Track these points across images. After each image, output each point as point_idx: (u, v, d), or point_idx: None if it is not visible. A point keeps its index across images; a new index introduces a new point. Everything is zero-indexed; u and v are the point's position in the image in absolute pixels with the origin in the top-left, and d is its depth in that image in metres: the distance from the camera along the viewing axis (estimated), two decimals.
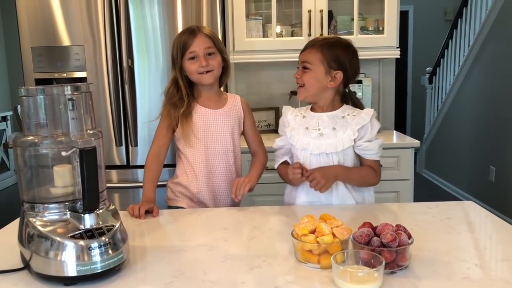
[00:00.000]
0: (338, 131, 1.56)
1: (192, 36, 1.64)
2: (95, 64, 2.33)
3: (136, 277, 1.06)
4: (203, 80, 1.67)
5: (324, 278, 1.00)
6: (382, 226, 1.07)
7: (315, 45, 1.57)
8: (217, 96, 1.76)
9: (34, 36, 2.32)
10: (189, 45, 1.64)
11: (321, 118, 1.60)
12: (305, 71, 1.57)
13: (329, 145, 1.55)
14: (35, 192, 1.08)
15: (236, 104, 1.78)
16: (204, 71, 1.65)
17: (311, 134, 1.59)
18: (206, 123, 1.71)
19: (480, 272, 1.04)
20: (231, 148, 1.73)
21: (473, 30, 4.61)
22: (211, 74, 1.67)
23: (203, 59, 1.64)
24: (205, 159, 1.71)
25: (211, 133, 1.71)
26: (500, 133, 4.02)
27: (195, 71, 1.65)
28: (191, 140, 1.70)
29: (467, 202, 1.61)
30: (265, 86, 3.12)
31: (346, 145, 1.54)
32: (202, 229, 1.39)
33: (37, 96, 1.05)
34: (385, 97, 3.12)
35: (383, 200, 1.81)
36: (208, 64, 1.64)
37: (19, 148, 1.07)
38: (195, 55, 1.64)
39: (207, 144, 1.71)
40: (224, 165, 1.73)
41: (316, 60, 1.55)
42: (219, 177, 1.73)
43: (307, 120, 1.63)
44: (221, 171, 1.73)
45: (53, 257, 1.00)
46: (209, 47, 1.66)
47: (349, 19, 2.91)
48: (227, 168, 1.73)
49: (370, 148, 1.56)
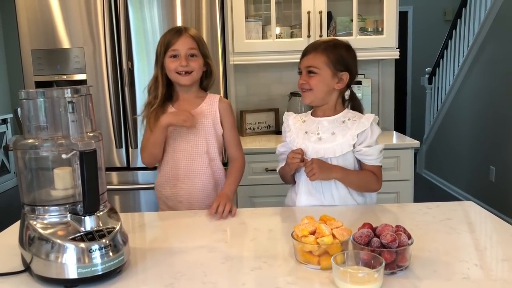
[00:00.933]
0: (337, 136, 1.56)
1: (177, 35, 1.65)
2: (95, 66, 2.34)
3: (137, 279, 1.06)
4: (180, 80, 1.66)
5: (324, 279, 1.01)
6: (382, 227, 1.07)
7: (317, 49, 1.57)
8: (194, 98, 1.73)
9: (34, 39, 2.33)
10: (172, 43, 1.64)
11: (321, 122, 1.60)
12: (312, 75, 1.57)
13: (327, 149, 1.55)
14: (36, 194, 1.09)
15: (212, 105, 1.72)
16: (183, 71, 1.64)
17: (310, 138, 1.59)
18: None
19: (480, 272, 1.04)
20: (204, 149, 1.69)
21: (473, 30, 4.62)
22: (190, 76, 1.65)
23: (183, 58, 1.63)
24: (174, 161, 1.69)
25: (179, 135, 1.68)
26: (499, 133, 4.02)
27: (174, 69, 1.64)
28: None
29: (467, 202, 1.61)
30: (265, 88, 3.13)
31: (345, 150, 1.54)
32: (202, 231, 1.39)
33: (37, 99, 1.06)
34: (385, 98, 3.13)
35: (383, 201, 1.81)
36: (187, 65, 1.63)
37: (19, 151, 1.07)
38: (177, 54, 1.64)
39: (175, 147, 1.69)
40: (197, 167, 1.69)
41: (321, 64, 1.56)
42: (192, 180, 1.69)
43: (307, 125, 1.63)
44: (194, 173, 1.69)
45: (54, 260, 1.00)
46: (192, 48, 1.65)
47: (349, 20, 2.92)
48: (201, 170, 1.70)
49: (370, 153, 1.55)
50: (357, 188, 1.59)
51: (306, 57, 1.59)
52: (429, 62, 5.85)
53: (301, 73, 1.60)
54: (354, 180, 1.57)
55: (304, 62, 1.59)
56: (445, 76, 5.29)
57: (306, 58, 1.59)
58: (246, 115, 2.97)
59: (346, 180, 1.57)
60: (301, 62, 1.60)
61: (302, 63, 1.60)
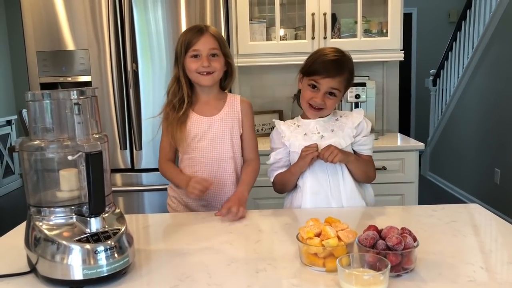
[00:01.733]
0: (336, 132, 1.61)
1: (198, 35, 1.60)
2: (99, 68, 2.35)
3: (142, 281, 1.06)
4: (201, 81, 1.62)
5: (330, 282, 1.01)
6: (387, 229, 1.07)
7: (343, 72, 1.56)
8: (215, 100, 1.70)
9: (39, 41, 2.34)
10: (193, 43, 1.59)
11: (319, 122, 1.63)
12: (332, 97, 1.57)
13: (332, 144, 1.56)
14: (42, 196, 1.09)
15: (234, 107, 1.70)
16: (204, 71, 1.60)
17: (311, 138, 1.60)
18: (201, 131, 1.66)
19: (486, 275, 1.03)
20: (230, 154, 1.68)
21: (477, 32, 4.61)
22: (211, 76, 1.62)
23: (205, 59, 1.59)
24: (200, 167, 1.67)
25: (206, 141, 1.66)
26: (504, 135, 4.01)
27: (195, 70, 1.60)
28: (184, 148, 1.67)
29: (472, 204, 1.61)
30: (269, 89, 3.13)
31: (348, 142, 1.60)
32: (207, 233, 1.39)
33: (43, 101, 1.06)
34: (389, 99, 3.12)
35: (388, 203, 1.81)
36: (209, 65, 1.59)
37: (25, 153, 1.07)
38: (198, 54, 1.60)
39: (203, 153, 1.66)
40: (224, 172, 1.68)
41: (342, 86, 1.58)
42: (220, 184, 1.68)
43: (303, 128, 1.64)
44: (222, 178, 1.68)
45: (60, 261, 1.00)
46: (214, 48, 1.61)
47: (353, 22, 2.92)
48: (230, 174, 1.69)
49: (367, 142, 1.63)
50: (363, 174, 1.62)
51: (331, 79, 1.54)
52: (433, 63, 5.84)
53: (314, 88, 1.56)
54: (362, 165, 1.62)
55: (329, 83, 1.54)
56: (449, 78, 5.28)
57: (332, 80, 1.54)
58: None
59: (357, 164, 1.60)
60: (324, 81, 1.54)
61: (326, 83, 1.54)
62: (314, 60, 1.59)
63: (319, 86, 1.55)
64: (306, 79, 1.59)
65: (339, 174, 1.60)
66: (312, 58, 1.60)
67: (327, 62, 1.55)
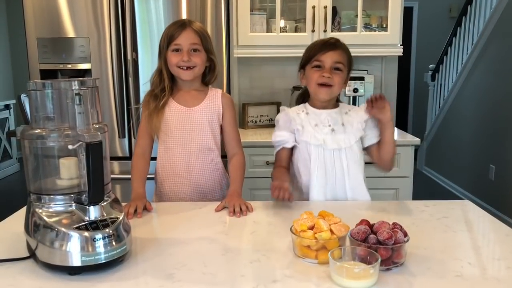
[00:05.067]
0: (346, 126, 1.63)
1: (180, 29, 1.62)
2: (99, 56, 2.35)
3: (139, 268, 1.09)
4: (181, 75, 1.64)
5: (321, 273, 1.03)
6: (379, 224, 1.09)
7: (341, 47, 1.60)
8: (196, 93, 1.71)
9: (40, 27, 2.34)
10: (175, 37, 1.61)
11: (330, 114, 1.64)
12: (337, 72, 1.58)
13: (343, 140, 1.61)
14: (42, 183, 1.11)
15: (215, 100, 1.71)
16: (184, 66, 1.62)
17: (323, 130, 1.62)
18: (179, 121, 1.67)
19: (473, 271, 1.06)
20: (209, 145, 1.69)
21: (477, 28, 4.61)
22: (191, 71, 1.63)
23: (186, 53, 1.60)
24: (180, 157, 1.69)
25: (186, 131, 1.67)
26: (500, 132, 4.04)
27: (176, 64, 1.61)
28: (161, 137, 1.69)
29: (465, 201, 1.64)
30: (268, 81, 3.14)
31: (358, 136, 1.63)
32: (203, 222, 1.41)
33: (45, 90, 1.08)
34: (387, 94, 3.13)
35: (382, 197, 1.83)
36: (189, 60, 1.61)
37: (26, 141, 1.09)
38: (179, 48, 1.61)
39: (182, 143, 1.68)
40: (202, 163, 1.70)
41: (346, 63, 1.60)
42: (198, 175, 1.70)
43: (313, 117, 1.64)
44: (200, 169, 1.70)
45: (58, 247, 1.02)
46: (195, 43, 1.62)
47: (353, 15, 2.92)
48: (207, 165, 1.71)
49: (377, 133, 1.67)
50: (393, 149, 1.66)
51: (333, 52, 1.57)
52: (433, 58, 5.84)
53: (319, 67, 1.58)
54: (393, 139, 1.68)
55: (333, 57, 1.57)
56: (448, 73, 5.29)
57: (334, 53, 1.57)
58: (248, 108, 2.99)
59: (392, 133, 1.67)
60: (325, 56, 1.57)
61: (329, 57, 1.57)
62: (310, 48, 1.65)
63: (323, 63, 1.58)
64: (308, 67, 1.62)
65: (344, 169, 1.61)
66: (308, 48, 1.66)
67: (322, 42, 1.63)
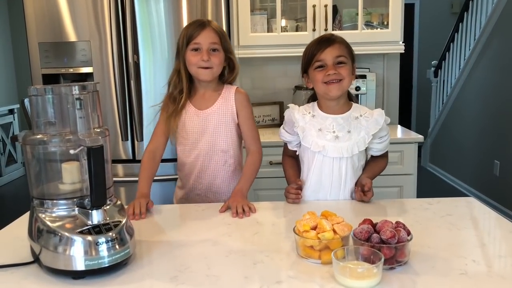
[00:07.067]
0: (352, 134, 1.57)
1: (200, 28, 1.62)
2: (101, 59, 2.36)
3: (142, 271, 1.09)
4: (200, 75, 1.64)
5: (325, 274, 1.03)
6: (382, 223, 1.09)
7: (337, 40, 1.58)
8: (210, 93, 1.71)
9: (41, 32, 2.35)
10: (194, 37, 1.62)
11: (336, 120, 1.59)
12: (342, 66, 1.55)
13: (345, 149, 1.56)
14: (44, 188, 1.11)
15: (229, 100, 1.70)
16: (204, 66, 1.62)
17: (326, 137, 1.58)
18: (193, 123, 1.69)
19: (478, 269, 1.05)
20: (224, 147, 1.70)
21: (479, 23, 4.59)
22: (210, 71, 1.63)
23: (205, 53, 1.61)
24: (195, 159, 1.71)
25: (198, 134, 1.69)
26: (504, 127, 4.02)
27: (195, 63, 1.62)
28: (178, 139, 1.72)
29: (469, 198, 1.63)
30: (270, 81, 3.14)
31: (361, 148, 1.57)
32: (206, 224, 1.41)
33: (45, 96, 1.08)
34: (390, 92, 3.13)
35: (386, 195, 1.83)
36: (209, 60, 1.61)
37: (28, 146, 1.09)
38: (199, 47, 1.62)
39: (195, 145, 1.70)
40: (215, 164, 1.71)
41: (347, 55, 1.57)
42: (211, 176, 1.72)
43: (319, 121, 1.61)
44: (213, 170, 1.72)
45: (62, 252, 1.03)
46: (215, 42, 1.63)
47: (354, 13, 2.91)
48: (220, 167, 1.72)
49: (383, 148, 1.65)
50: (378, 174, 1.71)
51: (331, 48, 1.55)
52: (435, 55, 5.82)
53: (322, 67, 1.56)
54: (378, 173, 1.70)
55: (333, 52, 1.54)
56: (451, 69, 5.27)
57: (332, 49, 1.55)
58: None
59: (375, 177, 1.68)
60: (325, 54, 1.55)
61: (328, 54, 1.54)
62: (307, 50, 1.62)
63: (325, 61, 1.55)
64: (311, 69, 1.59)
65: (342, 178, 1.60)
66: (305, 50, 1.63)
67: (317, 41, 1.60)
